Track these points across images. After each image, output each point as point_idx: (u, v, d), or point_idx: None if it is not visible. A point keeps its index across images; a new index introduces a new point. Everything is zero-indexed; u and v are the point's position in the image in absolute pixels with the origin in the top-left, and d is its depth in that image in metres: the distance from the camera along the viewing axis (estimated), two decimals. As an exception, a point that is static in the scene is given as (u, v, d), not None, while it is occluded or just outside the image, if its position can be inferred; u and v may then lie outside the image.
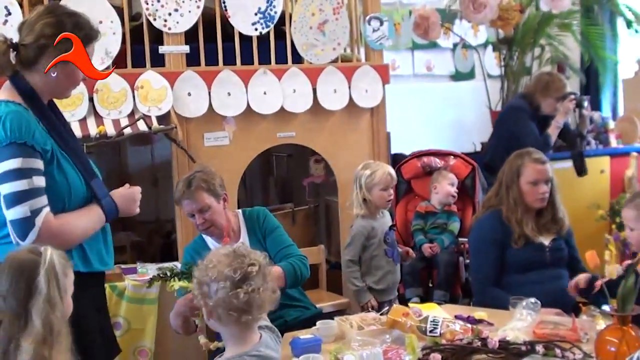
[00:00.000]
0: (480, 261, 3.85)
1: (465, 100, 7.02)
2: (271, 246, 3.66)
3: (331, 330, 3.17)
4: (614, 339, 2.64)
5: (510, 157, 3.91)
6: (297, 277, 3.55)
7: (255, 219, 3.76)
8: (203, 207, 3.57)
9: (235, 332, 2.13)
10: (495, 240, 3.76)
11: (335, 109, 5.03)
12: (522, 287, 3.51)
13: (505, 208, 3.81)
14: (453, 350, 2.80)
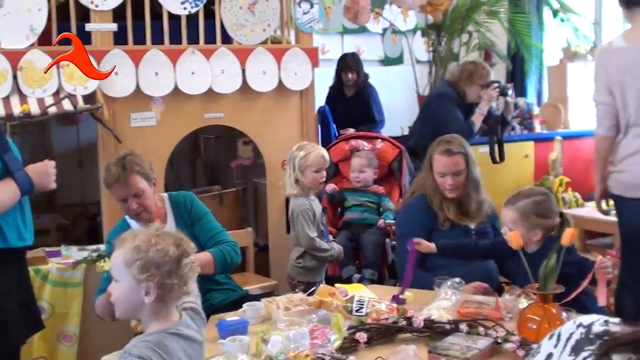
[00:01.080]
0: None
1: (394, 84, 7.08)
2: (200, 233, 3.59)
3: (258, 312, 3.16)
4: (536, 317, 2.70)
5: (431, 145, 3.95)
6: (226, 264, 3.51)
7: (182, 204, 3.66)
8: (137, 191, 3.45)
9: (158, 309, 2.09)
10: (422, 225, 3.78)
11: (264, 90, 5.01)
12: (447, 268, 3.54)
13: (428, 193, 3.85)
14: (378, 329, 2.82)
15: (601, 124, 4.08)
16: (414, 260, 3.36)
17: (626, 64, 3.92)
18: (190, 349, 2.10)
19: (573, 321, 1.81)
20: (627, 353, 1.60)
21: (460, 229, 3.76)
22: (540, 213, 3.25)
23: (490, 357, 2.64)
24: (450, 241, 3.62)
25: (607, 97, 3.99)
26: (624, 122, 3.97)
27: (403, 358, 2.47)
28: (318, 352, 2.52)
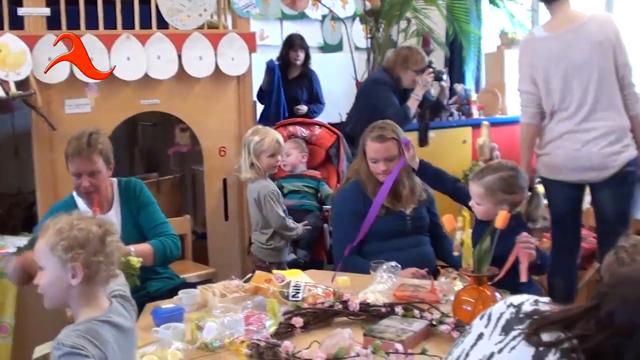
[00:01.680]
0: (342, 231, 3.88)
1: (333, 71, 7.05)
2: (144, 221, 3.59)
3: (194, 299, 3.13)
4: (470, 299, 2.72)
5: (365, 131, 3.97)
6: (166, 256, 3.51)
7: (132, 191, 3.65)
8: (94, 170, 3.42)
9: (86, 293, 2.05)
10: (357, 211, 3.79)
11: (201, 76, 4.95)
12: (384, 253, 3.55)
13: (362, 179, 3.86)
14: (315, 313, 2.82)
15: (525, 112, 4.20)
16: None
17: (548, 53, 4.04)
18: (122, 338, 2.07)
19: (504, 301, 1.83)
20: (556, 331, 1.62)
21: (395, 214, 3.77)
22: (506, 189, 3.25)
23: (425, 339, 2.65)
24: (432, 167, 3.68)
25: (531, 87, 4.11)
26: (549, 109, 4.09)
27: (338, 341, 2.46)
28: (253, 338, 2.50)
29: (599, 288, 1.67)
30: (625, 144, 4.04)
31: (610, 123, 4.02)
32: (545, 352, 1.58)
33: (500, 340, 1.69)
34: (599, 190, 4.09)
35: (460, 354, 1.77)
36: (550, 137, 4.13)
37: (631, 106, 4.08)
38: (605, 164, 4.01)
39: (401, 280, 3.20)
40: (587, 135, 4.02)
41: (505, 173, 3.28)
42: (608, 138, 4.01)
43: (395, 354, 2.34)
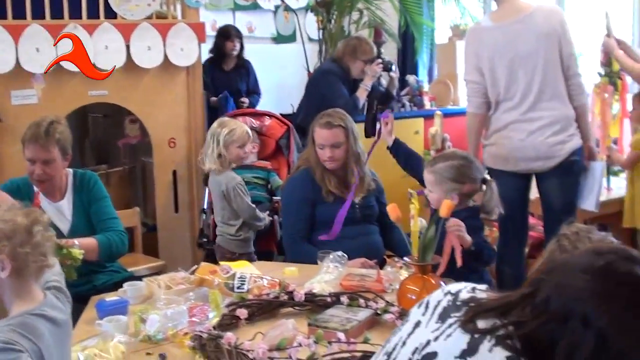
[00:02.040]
0: (292, 218, 3.88)
1: (285, 62, 7.04)
2: (95, 215, 3.55)
3: (139, 292, 3.09)
4: (415, 288, 2.73)
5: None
6: (111, 252, 3.48)
7: (86, 183, 3.61)
8: (49, 159, 3.38)
9: (17, 286, 2.01)
10: (306, 198, 3.81)
11: (150, 67, 4.90)
12: (332, 242, 3.56)
13: (312, 166, 3.86)
14: (259, 304, 2.80)
15: (471, 102, 4.23)
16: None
17: (494, 42, 4.06)
18: (56, 331, 2.02)
19: (442, 289, 1.82)
20: (492, 318, 1.62)
21: (343, 202, 3.78)
22: (456, 177, 3.26)
23: (369, 328, 2.65)
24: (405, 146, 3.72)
25: (476, 76, 4.15)
26: (494, 99, 4.13)
27: (282, 332, 2.45)
28: (196, 330, 2.48)
29: (535, 275, 1.67)
30: (570, 134, 4.09)
31: (555, 113, 4.06)
32: (480, 339, 1.58)
33: (436, 327, 1.69)
34: (545, 179, 4.13)
35: (397, 342, 1.76)
36: (496, 127, 4.16)
37: (576, 97, 4.12)
38: (550, 154, 4.05)
39: (348, 270, 3.19)
40: (532, 125, 4.05)
41: (457, 162, 3.29)
42: (553, 128, 4.05)
43: (338, 343, 2.32)
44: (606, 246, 1.77)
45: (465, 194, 3.28)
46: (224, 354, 2.29)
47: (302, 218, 3.76)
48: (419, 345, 1.67)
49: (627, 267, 1.55)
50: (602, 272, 1.54)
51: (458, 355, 1.57)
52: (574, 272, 1.56)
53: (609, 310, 1.49)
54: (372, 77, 5.37)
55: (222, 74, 6.29)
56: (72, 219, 3.52)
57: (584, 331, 1.49)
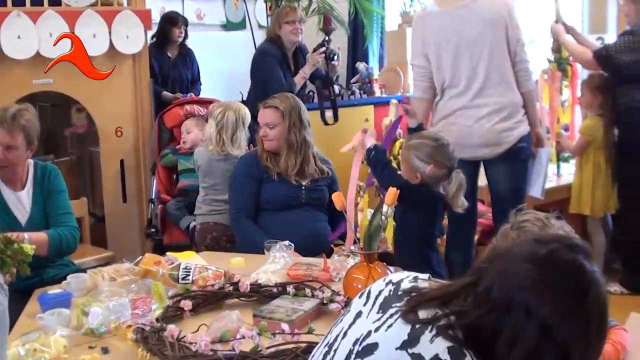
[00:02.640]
0: (236, 194, 3.90)
1: (235, 50, 6.96)
2: (50, 207, 3.50)
3: (83, 284, 3.04)
4: (361, 277, 2.71)
5: None
6: (62, 248, 3.42)
7: (47, 175, 3.55)
8: (12, 145, 3.32)
9: None
10: (251, 175, 3.86)
11: (95, 54, 4.77)
12: (279, 228, 3.57)
13: (259, 147, 3.92)
14: (204, 296, 2.76)
15: (417, 86, 4.25)
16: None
17: (440, 28, 4.07)
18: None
19: (383, 279, 1.81)
20: (434, 308, 1.61)
21: (290, 184, 3.82)
22: (421, 156, 3.30)
23: (315, 318, 2.63)
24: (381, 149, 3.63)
25: (423, 61, 4.16)
26: (440, 84, 4.14)
27: (226, 324, 2.42)
28: (139, 323, 2.43)
29: (477, 264, 1.66)
30: (518, 120, 4.11)
31: (502, 99, 4.08)
32: (421, 329, 1.56)
33: (377, 318, 1.67)
34: (493, 166, 4.15)
35: (338, 333, 1.74)
36: (443, 114, 4.17)
37: (523, 83, 4.14)
38: (498, 140, 4.07)
39: (294, 260, 3.16)
40: (479, 112, 4.07)
41: (427, 141, 3.35)
42: (500, 114, 4.07)
43: (282, 334, 2.30)
44: (549, 235, 1.77)
45: (430, 176, 3.31)
46: (166, 347, 2.25)
47: (246, 194, 3.80)
48: (359, 336, 1.65)
49: (570, 255, 1.54)
50: (544, 261, 1.53)
51: (399, 347, 1.56)
52: (516, 261, 1.55)
53: (551, 299, 1.49)
54: (312, 65, 5.33)
55: (167, 61, 6.21)
56: (30, 210, 3.46)
57: (527, 321, 1.49)
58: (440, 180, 3.35)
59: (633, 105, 4.82)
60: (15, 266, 2.88)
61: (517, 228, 2.28)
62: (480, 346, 1.54)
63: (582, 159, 5.22)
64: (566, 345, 1.49)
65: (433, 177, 3.33)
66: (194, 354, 2.20)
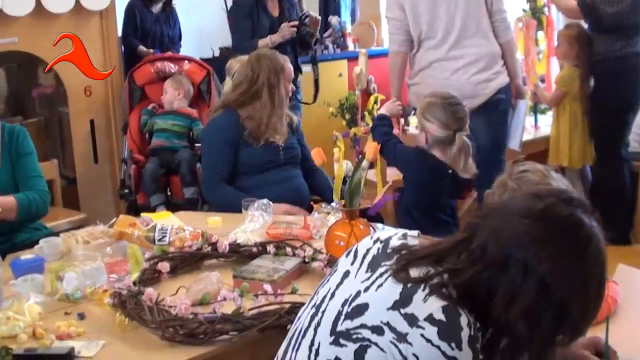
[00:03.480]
0: (213, 158, 3.73)
1: (203, 4, 6.82)
2: (19, 170, 3.37)
3: (55, 248, 2.95)
4: (343, 234, 2.65)
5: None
6: (30, 212, 3.30)
7: (15, 138, 3.41)
8: None
9: None
10: (230, 139, 3.68)
11: (61, 12, 4.69)
12: (258, 189, 3.48)
13: (256, 108, 3.71)
14: (182, 257, 2.68)
15: (393, 40, 4.18)
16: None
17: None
18: None
19: (370, 237, 1.75)
20: (425, 266, 1.55)
21: (269, 145, 3.69)
22: (426, 115, 3.28)
23: (298, 277, 2.57)
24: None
25: (398, 13, 4.09)
26: (417, 37, 4.08)
27: (206, 286, 2.36)
28: (115, 287, 2.36)
29: (470, 220, 1.60)
30: (496, 72, 4.05)
31: (479, 50, 4.03)
32: (413, 288, 1.51)
33: (366, 277, 1.61)
34: (471, 119, 4.09)
35: (326, 294, 1.68)
36: (420, 67, 4.11)
37: (501, 33, 4.08)
38: (475, 92, 4.02)
39: (274, 218, 3.09)
40: (455, 64, 4.01)
41: (435, 99, 3.33)
42: (477, 65, 4.01)
43: (265, 295, 2.23)
44: (545, 189, 1.71)
45: (434, 136, 3.28)
46: (145, 311, 2.18)
47: (224, 158, 3.66)
48: (348, 296, 1.59)
49: (567, 210, 1.49)
50: (541, 216, 1.48)
51: (390, 307, 1.50)
52: (512, 216, 1.50)
53: (549, 256, 1.44)
54: (281, 37, 5.18)
55: (150, 16, 6.04)
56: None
57: (525, 278, 1.44)
58: (447, 143, 3.29)
59: (608, 56, 4.77)
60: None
61: (517, 178, 2.22)
62: (475, 304, 1.49)
63: (558, 110, 5.17)
64: (565, 302, 1.44)
65: (438, 138, 3.28)
66: (173, 317, 2.13)
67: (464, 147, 3.24)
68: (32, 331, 2.22)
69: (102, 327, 2.28)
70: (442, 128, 3.26)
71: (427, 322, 1.45)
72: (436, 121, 3.26)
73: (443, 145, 3.29)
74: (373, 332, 1.51)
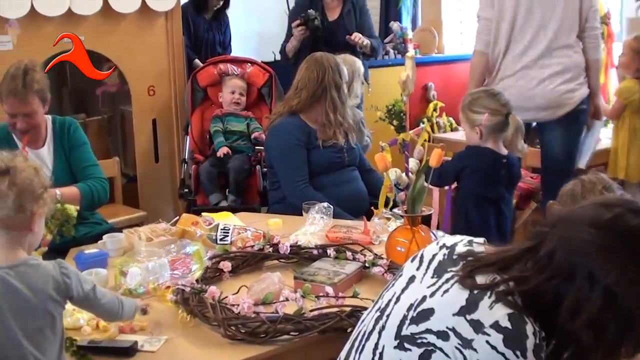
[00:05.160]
0: (295, 162, 3.68)
1: (265, 9, 6.85)
2: (75, 162, 3.43)
3: (119, 244, 3.00)
4: (404, 240, 2.64)
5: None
6: (93, 201, 3.35)
7: (66, 130, 3.47)
8: (31, 112, 3.23)
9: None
10: (304, 142, 3.69)
11: (127, 11, 4.74)
12: (325, 189, 3.53)
13: (322, 110, 3.72)
14: (244, 257, 2.71)
15: (480, 40, 4.12)
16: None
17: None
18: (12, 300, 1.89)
19: (436, 242, 1.75)
20: (492, 273, 1.55)
21: (334, 146, 3.72)
22: (474, 109, 3.30)
23: (358, 281, 2.58)
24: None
25: (491, 12, 4.02)
26: (505, 39, 4.01)
27: (268, 285, 2.37)
28: (178, 284, 2.39)
29: (537, 227, 1.59)
30: (580, 82, 4.01)
31: (565, 60, 3.98)
32: (480, 295, 1.51)
33: (432, 283, 1.61)
34: (549, 129, 4.07)
35: (391, 298, 1.68)
36: (504, 74, 4.05)
37: (590, 51, 4.06)
38: (561, 102, 3.99)
39: (334, 222, 3.10)
40: (542, 73, 3.97)
41: (476, 94, 3.38)
42: (563, 76, 3.98)
43: (326, 297, 2.24)
44: (614, 198, 1.69)
45: (487, 126, 3.27)
46: (207, 309, 2.20)
47: (304, 163, 3.67)
48: (414, 301, 1.60)
49: (635, 220, 1.47)
50: (609, 225, 1.47)
51: (456, 312, 1.50)
52: (580, 225, 1.49)
53: (616, 266, 1.42)
54: (295, 39, 5.11)
55: (202, 22, 6.08)
56: (52, 167, 3.39)
57: (591, 288, 1.43)
58: (500, 130, 3.31)
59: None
60: (58, 227, 2.85)
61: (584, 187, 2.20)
62: (540, 313, 1.48)
63: (618, 123, 5.09)
64: (631, 312, 1.43)
65: (491, 126, 3.29)
66: (236, 316, 2.15)
67: (519, 127, 3.28)
68: (95, 324, 2.27)
69: (164, 323, 2.31)
70: (494, 115, 3.28)
71: (493, 329, 1.45)
72: (487, 110, 3.27)
73: (496, 134, 3.31)
74: (438, 337, 1.51)
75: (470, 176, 3.35)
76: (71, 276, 1.97)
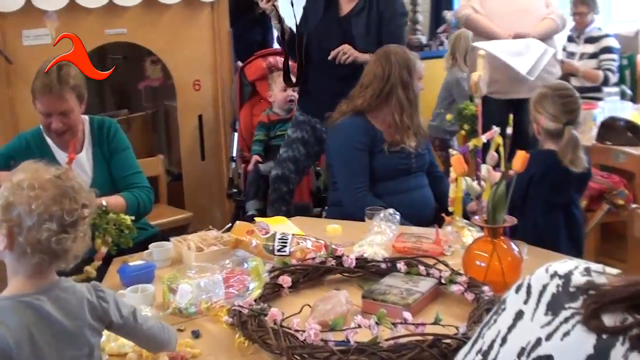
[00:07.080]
0: (354, 168, 3.45)
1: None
2: (116, 167, 3.20)
3: (166, 254, 2.77)
4: (484, 254, 2.36)
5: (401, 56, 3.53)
6: (139, 212, 3.10)
7: (106, 132, 3.22)
8: (67, 110, 2.99)
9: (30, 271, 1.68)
10: (367, 145, 3.43)
11: (171, 2, 4.59)
12: (387, 196, 3.28)
13: (389, 110, 3.45)
14: (305, 271, 2.46)
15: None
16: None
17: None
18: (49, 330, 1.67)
19: (545, 269, 1.46)
20: (621, 313, 1.27)
21: (402, 151, 3.45)
22: (537, 107, 3.10)
23: (432, 300, 2.31)
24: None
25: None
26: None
27: (334, 306, 2.12)
28: (234, 304, 2.15)
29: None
30: None
31: None
32: (610, 340, 1.23)
33: (547, 322, 1.34)
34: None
35: (494, 338, 1.41)
36: None
37: None
38: None
39: (400, 230, 2.84)
40: None
41: (546, 90, 3.15)
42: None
43: (404, 324, 1.97)
44: None
45: (544, 129, 3.07)
46: (268, 334, 1.95)
47: (365, 168, 3.42)
48: (526, 344, 1.32)
49: None
50: None
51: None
52: None
53: None
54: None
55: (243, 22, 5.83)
56: (92, 173, 3.15)
57: None
58: (556, 136, 3.03)
59: None
60: (116, 238, 2.68)
61: None
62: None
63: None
64: None
65: (548, 130, 3.05)
66: (302, 344, 1.90)
67: (572, 141, 2.98)
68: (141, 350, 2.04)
69: (219, 348, 2.08)
70: (551, 120, 3.03)
71: (629, 386, 1.19)
72: (546, 113, 3.04)
73: (553, 139, 3.05)
74: (560, 391, 1.25)
75: (538, 183, 3.07)
76: (108, 299, 1.75)
